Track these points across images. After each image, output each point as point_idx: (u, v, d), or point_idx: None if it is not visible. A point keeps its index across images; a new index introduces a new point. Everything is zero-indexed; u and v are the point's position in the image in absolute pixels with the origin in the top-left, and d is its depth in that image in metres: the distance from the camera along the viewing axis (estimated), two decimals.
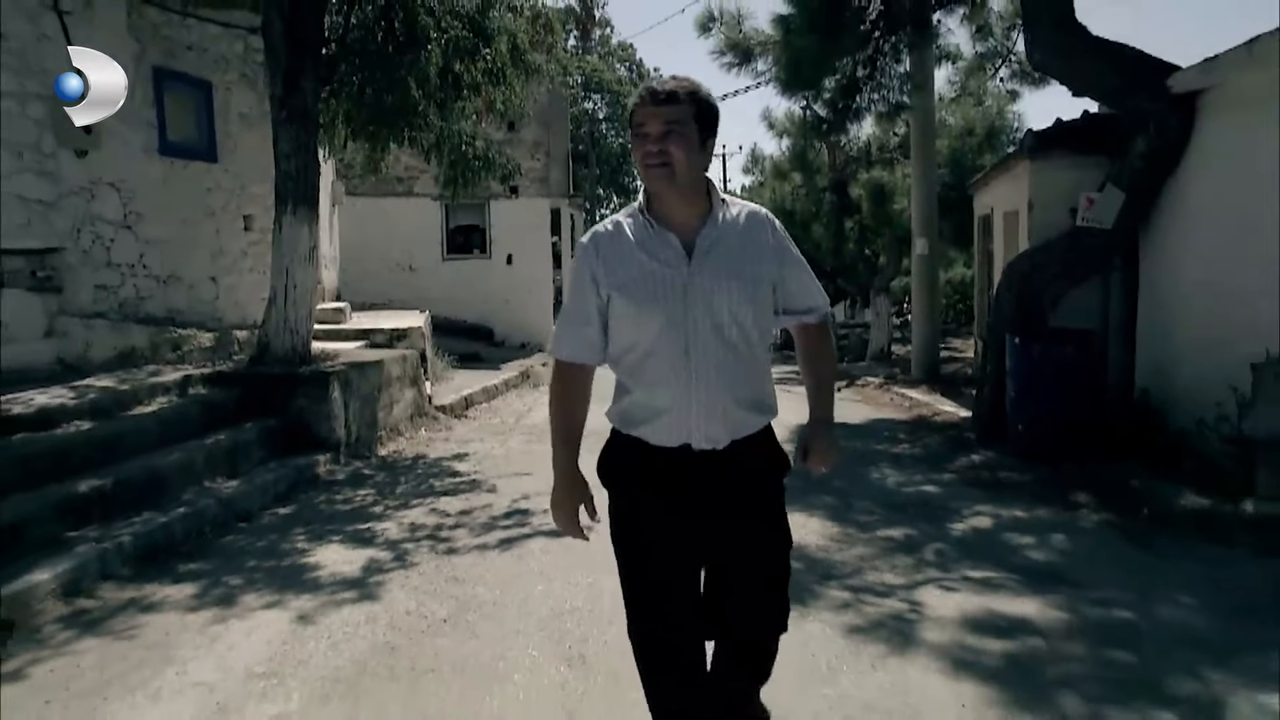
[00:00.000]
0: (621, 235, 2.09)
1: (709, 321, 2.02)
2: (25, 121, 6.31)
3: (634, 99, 2.07)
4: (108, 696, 3.10)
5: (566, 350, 2.15)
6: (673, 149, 1.98)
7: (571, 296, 2.15)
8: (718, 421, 2.04)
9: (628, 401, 2.11)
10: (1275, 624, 3.67)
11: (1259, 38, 5.58)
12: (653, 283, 2.03)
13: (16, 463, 4.68)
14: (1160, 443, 6.65)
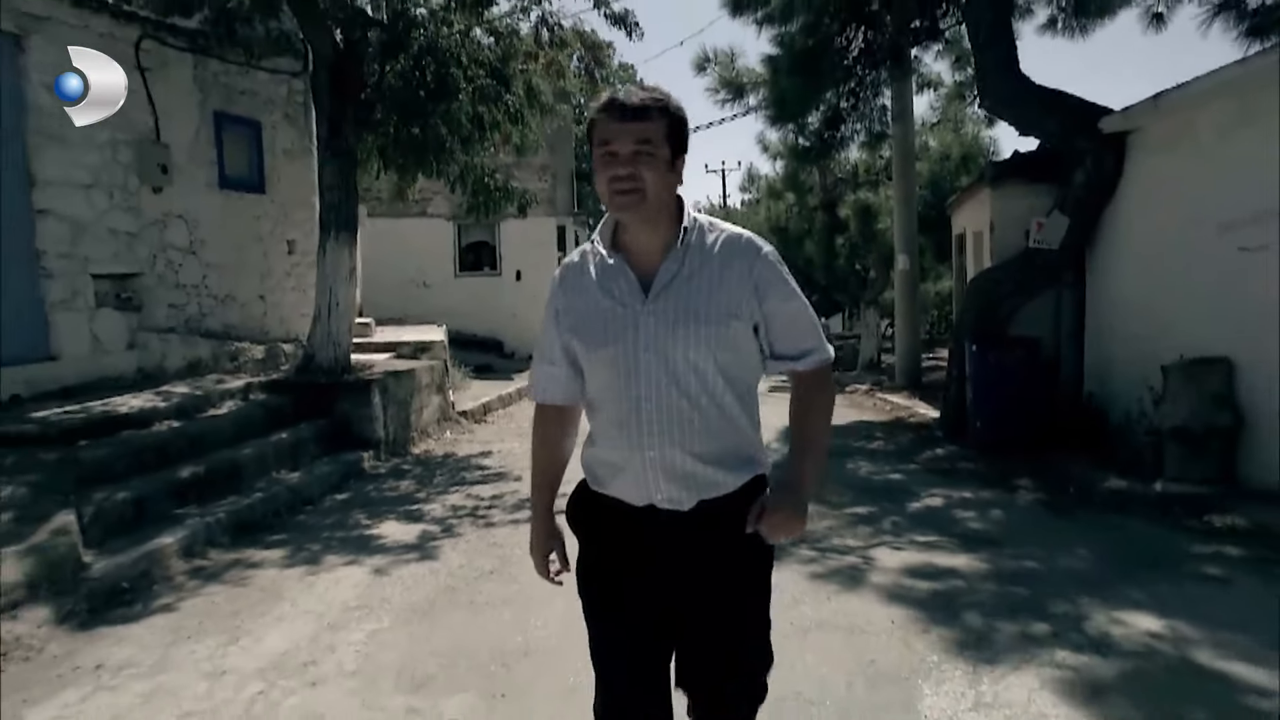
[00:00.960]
0: (585, 267, 1.88)
1: (664, 369, 1.77)
2: (116, 166, 7.32)
3: (596, 109, 1.79)
4: (242, 620, 4.08)
5: (538, 390, 2.00)
6: (645, 173, 1.74)
7: (543, 331, 1.97)
8: (677, 481, 1.80)
9: (589, 453, 1.92)
10: (1144, 569, 4.64)
11: (1164, 92, 6.61)
12: (603, 322, 1.81)
13: (132, 453, 5.67)
14: (1101, 436, 7.65)
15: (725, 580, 1.86)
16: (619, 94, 1.78)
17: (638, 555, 1.84)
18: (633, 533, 1.84)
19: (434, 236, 18.65)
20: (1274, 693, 3.21)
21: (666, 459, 1.79)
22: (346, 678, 3.44)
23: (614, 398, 1.81)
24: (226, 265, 8.72)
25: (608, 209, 1.82)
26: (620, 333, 1.79)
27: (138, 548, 4.79)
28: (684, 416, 1.78)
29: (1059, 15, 10.30)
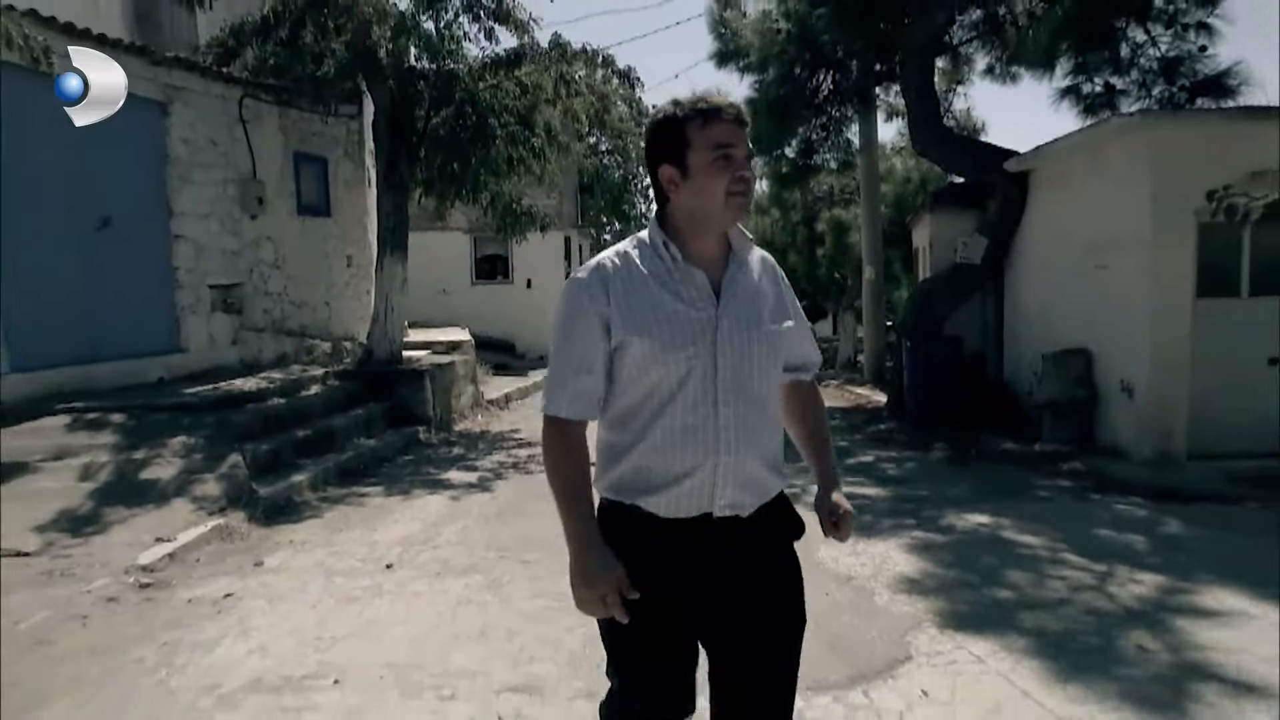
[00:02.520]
0: (633, 270, 1.80)
1: (739, 370, 1.78)
2: (225, 198, 9.24)
3: (705, 108, 1.76)
4: (371, 522, 5.98)
5: (566, 405, 1.82)
6: (753, 179, 1.82)
7: (567, 341, 1.81)
8: (745, 486, 1.79)
9: (629, 466, 1.81)
10: (999, 495, 6.56)
11: (1044, 144, 8.55)
12: (680, 325, 1.75)
13: (261, 420, 7.57)
14: (1012, 412, 9.58)
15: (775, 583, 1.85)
16: (725, 99, 1.79)
17: (683, 571, 1.77)
18: (679, 548, 1.77)
19: (453, 248, 20.57)
20: (1039, 547, 5.14)
21: (739, 464, 1.76)
22: (453, 546, 5.35)
23: (688, 401, 1.75)
24: (302, 277, 10.64)
25: (718, 213, 1.77)
26: (699, 335, 1.75)
27: (283, 481, 6.69)
28: (754, 421, 1.79)
29: (995, 64, 12.24)
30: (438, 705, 3.20)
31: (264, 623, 4.04)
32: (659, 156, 1.81)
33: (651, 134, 1.84)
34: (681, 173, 1.78)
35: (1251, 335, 7.25)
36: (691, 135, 1.75)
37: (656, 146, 1.82)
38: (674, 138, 1.77)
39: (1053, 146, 8.39)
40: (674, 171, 1.78)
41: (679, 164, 1.77)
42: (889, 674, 3.42)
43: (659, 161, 1.81)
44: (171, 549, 5.03)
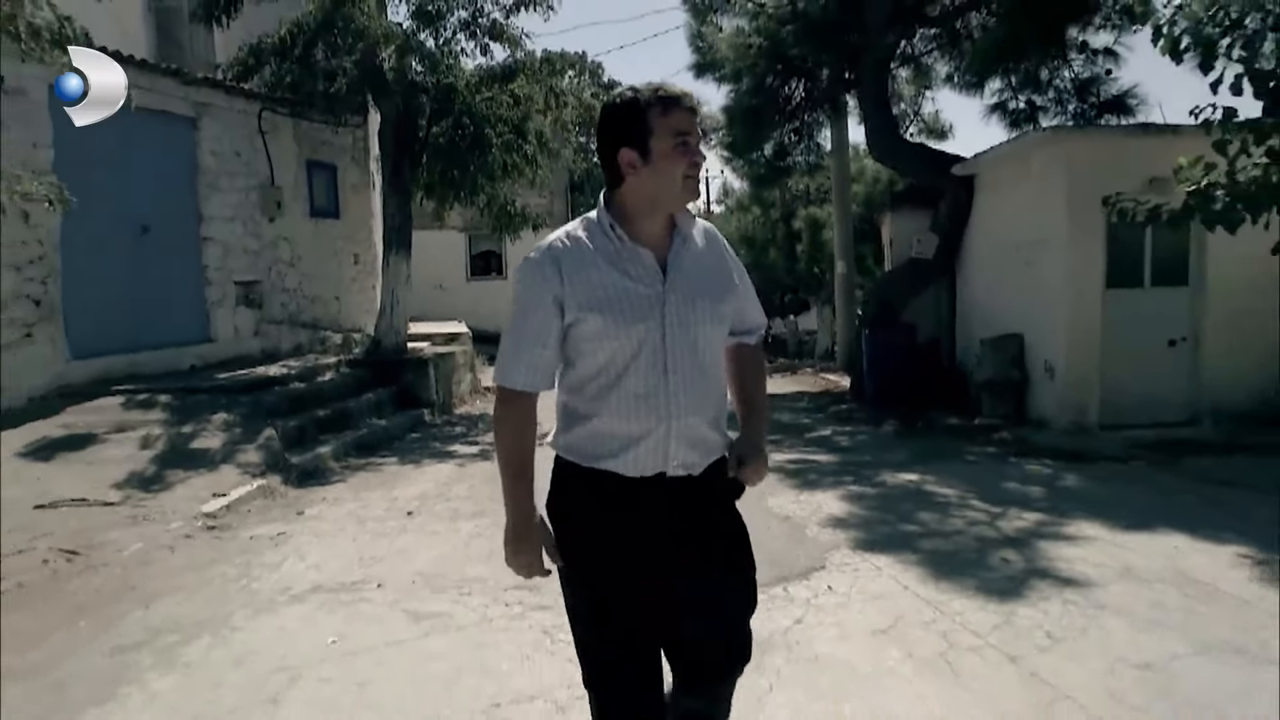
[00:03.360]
0: (583, 250, 1.90)
1: (685, 341, 1.90)
2: (248, 203, 10.21)
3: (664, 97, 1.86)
4: (390, 484, 6.97)
5: (521, 377, 1.91)
6: (702, 162, 1.92)
7: (523, 316, 1.91)
8: (695, 447, 1.93)
9: (588, 431, 1.92)
10: (933, 459, 7.59)
11: (982, 151, 9.57)
12: (631, 302, 1.86)
13: (287, 400, 8.55)
14: (961, 393, 10.60)
15: (725, 535, 2.01)
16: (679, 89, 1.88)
17: (644, 525, 1.89)
18: (638, 505, 1.89)
19: (449, 246, 21.53)
20: (951, 496, 6.17)
21: (689, 426, 1.89)
22: (462, 499, 6.36)
23: (639, 371, 1.87)
24: (314, 274, 11.61)
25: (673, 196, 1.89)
26: (648, 310, 1.86)
27: (310, 452, 7.69)
28: (701, 386, 1.91)
29: (954, 73, 13.24)
30: (458, 598, 4.21)
31: (314, 551, 5.05)
32: (618, 140, 1.87)
33: (611, 117, 1.90)
34: (643, 157, 1.85)
35: (1154, 321, 8.31)
36: (653, 122, 1.83)
37: (615, 130, 1.89)
38: (636, 123, 1.84)
39: (987, 155, 9.43)
40: (634, 155, 1.86)
41: (640, 148, 1.85)
42: (805, 576, 4.45)
43: (618, 145, 1.87)
44: (227, 502, 6.02)
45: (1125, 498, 6.07)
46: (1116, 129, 8.98)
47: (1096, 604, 4.06)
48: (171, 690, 3.28)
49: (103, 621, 3.93)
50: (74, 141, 7.67)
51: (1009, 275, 9.43)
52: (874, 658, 3.49)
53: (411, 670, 3.43)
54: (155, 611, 4.06)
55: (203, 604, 4.17)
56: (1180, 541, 4.99)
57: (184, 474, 6.41)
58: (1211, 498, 6.05)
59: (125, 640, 3.73)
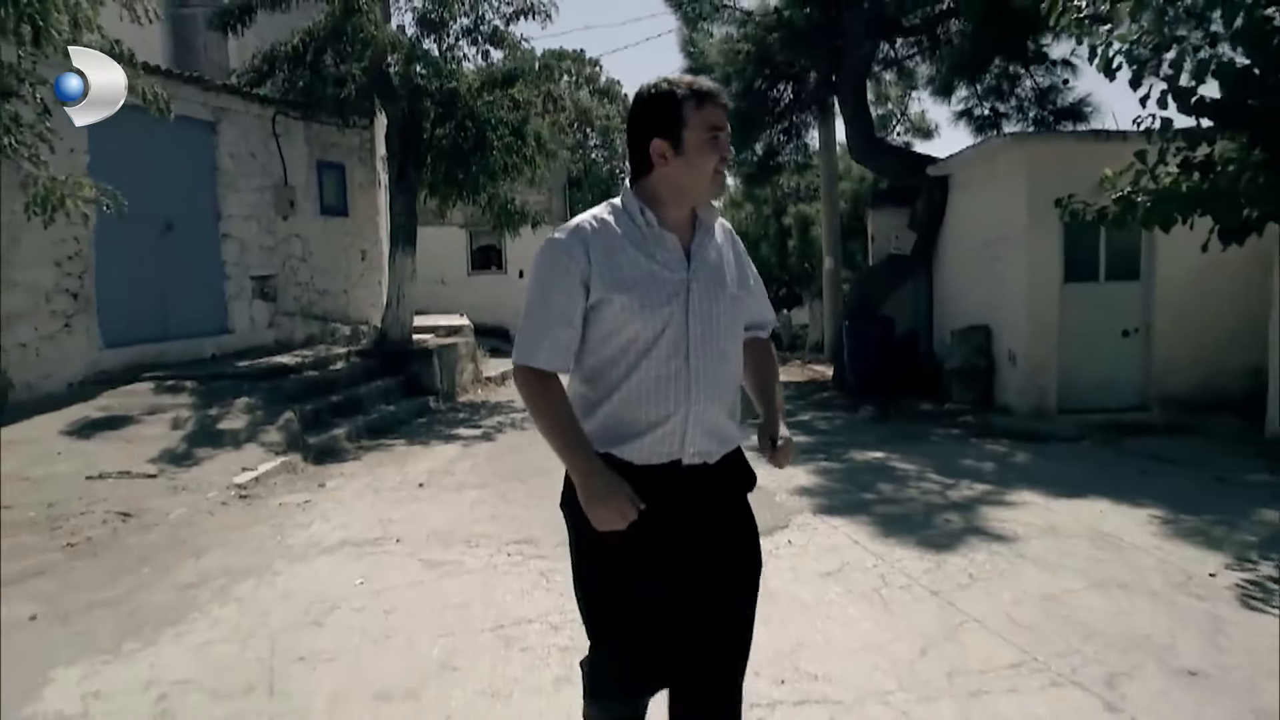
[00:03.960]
0: (611, 232, 1.94)
1: (707, 328, 1.93)
2: (263, 202, 10.84)
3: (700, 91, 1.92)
4: (401, 462, 7.61)
5: (544, 357, 1.93)
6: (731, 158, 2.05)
7: (546, 296, 1.93)
8: (711, 435, 1.96)
9: (604, 416, 1.95)
10: (901, 440, 8.24)
11: (955, 153, 10.20)
12: (657, 284, 1.90)
13: (302, 387, 9.18)
14: (935, 380, 11.24)
15: (736, 527, 2.04)
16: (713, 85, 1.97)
17: (658, 513, 1.89)
18: (653, 492, 1.89)
19: (451, 242, 22.13)
20: (911, 471, 6.81)
21: (708, 413, 1.93)
22: (468, 474, 6.99)
23: (663, 355, 1.90)
24: (324, 269, 12.24)
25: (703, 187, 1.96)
26: (674, 294, 1.91)
27: (325, 434, 8.32)
28: (720, 374, 1.96)
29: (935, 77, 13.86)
30: (466, 549, 4.85)
31: (338, 515, 5.69)
32: (651, 129, 1.92)
33: (645, 107, 1.95)
34: (675, 148, 1.90)
35: (1108, 313, 8.95)
36: (688, 114, 1.88)
37: (649, 120, 1.93)
38: (671, 114, 1.89)
39: (958, 157, 10.07)
40: (666, 146, 1.91)
41: (673, 140, 1.90)
42: (769, 534, 5.08)
43: (651, 134, 1.92)
44: (255, 475, 6.66)
45: (1066, 472, 6.72)
46: (1072, 135, 9.62)
47: (1018, 554, 4.71)
48: (230, 616, 3.92)
49: (163, 568, 4.58)
50: (106, 146, 8.30)
51: (978, 270, 10.07)
52: (819, 593, 4.14)
53: (429, 602, 4.08)
54: (206, 561, 4.70)
55: (246, 555, 4.81)
56: (1104, 506, 5.64)
57: (213, 451, 7.04)
58: (1144, 472, 6.70)
59: (184, 581, 4.38)
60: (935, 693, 3.13)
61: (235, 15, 10.97)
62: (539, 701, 3.07)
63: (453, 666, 3.37)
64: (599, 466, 1.89)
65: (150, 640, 3.65)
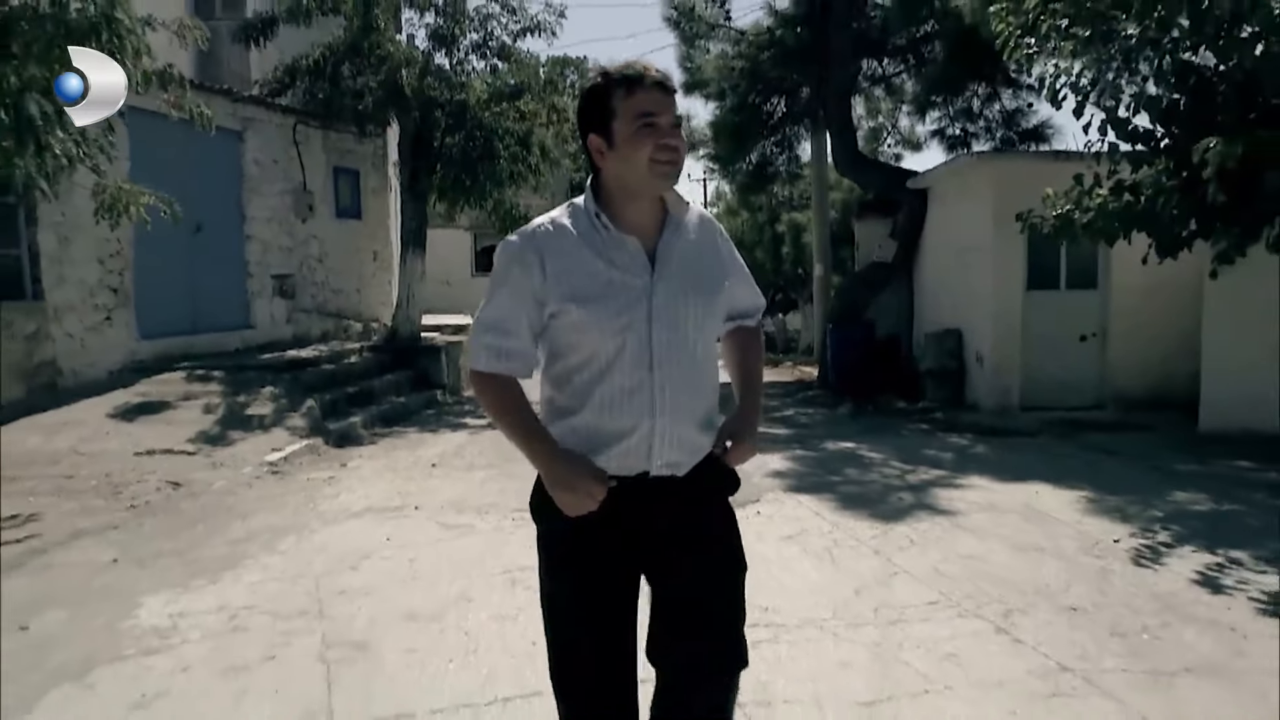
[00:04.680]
0: (567, 237, 1.82)
1: (674, 335, 1.83)
2: (284, 206, 11.57)
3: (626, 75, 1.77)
4: (414, 446, 8.32)
5: (484, 361, 1.87)
6: (682, 147, 1.81)
7: (496, 301, 1.85)
8: (680, 446, 1.85)
9: (569, 427, 1.86)
10: (873, 433, 8.95)
11: (928, 170, 10.92)
12: (615, 293, 1.79)
13: (321, 378, 9.89)
14: (913, 381, 11.95)
15: (712, 536, 1.93)
16: (650, 67, 1.79)
17: (624, 525, 1.83)
18: (620, 504, 1.81)
19: (456, 244, 22.88)
20: (876, 458, 7.52)
21: (675, 425, 1.82)
22: (476, 456, 7.70)
23: (624, 366, 1.80)
24: (339, 269, 12.97)
25: (641, 181, 1.79)
26: (634, 302, 1.80)
27: (343, 421, 9.04)
28: (689, 384, 1.85)
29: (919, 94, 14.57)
30: (477, 516, 5.57)
31: (361, 488, 6.41)
32: (587, 126, 1.83)
33: (580, 103, 1.86)
34: (608, 142, 1.79)
35: (1068, 318, 9.67)
36: (616, 104, 1.76)
37: (584, 116, 1.84)
38: (600, 107, 1.79)
39: (934, 172, 10.79)
40: (601, 141, 1.80)
41: (605, 133, 1.79)
42: (741, 506, 5.76)
43: (587, 131, 1.83)
44: (283, 455, 7.37)
45: (1017, 461, 7.43)
46: (1034, 154, 10.34)
47: (956, 525, 5.42)
48: (277, 563, 4.64)
49: (214, 527, 5.29)
50: (145, 153, 9.03)
51: (951, 278, 10.79)
52: (778, 552, 4.85)
53: (447, 554, 4.79)
54: (251, 522, 5.42)
55: (285, 518, 5.53)
56: (1042, 488, 6.35)
57: (244, 434, 7.76)
58: (1089, 462, 7.40)
59: (234, 537, 5.09)
60: (862, 621, 3.84)
61: (258, 29, 11.72)
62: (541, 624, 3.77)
63: (468, 598, 4.09)
64: (559, 451, 1.82)
65: (214, 579, 4.36)
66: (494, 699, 3.09)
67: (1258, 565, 4.56)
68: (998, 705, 3.05)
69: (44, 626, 3.72)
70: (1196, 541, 4.98)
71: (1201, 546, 4.88)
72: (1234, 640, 3.61)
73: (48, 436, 7.03)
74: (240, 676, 3.28)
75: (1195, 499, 6.04)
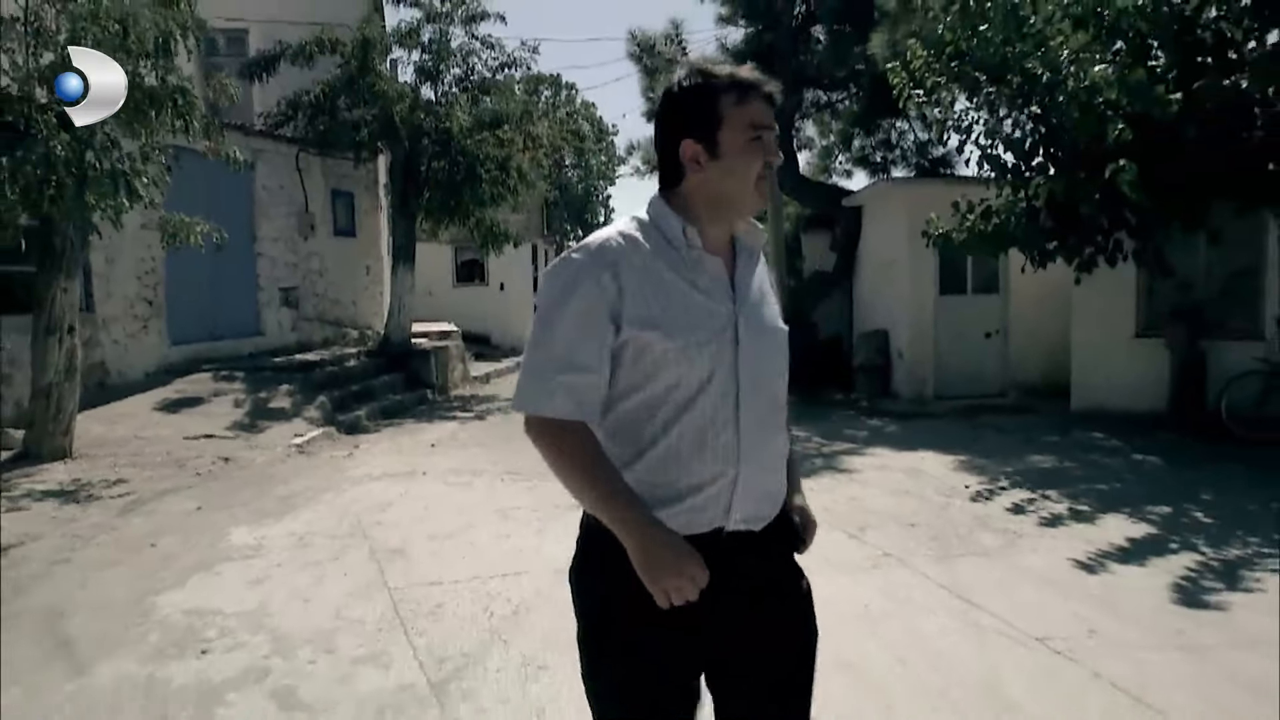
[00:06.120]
0: (640, 252, 1.58)
1: (760, 370, 1.62)
2: (288, 226, 12.96)
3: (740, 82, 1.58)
4: (412, 433, 9.74)
5: (560, 404, 1.54)
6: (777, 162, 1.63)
7: (562, 329, 1.54)
8: (761, 497, 1.63)
9: (633, 479, 1.56)
10: (809, 420, 10.47)
11: (857, 191, 12.50)
12: (703, 318, 1.57)
13: (326, 379, 11.28)
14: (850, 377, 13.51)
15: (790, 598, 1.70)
16: (758, 74, 1.61)
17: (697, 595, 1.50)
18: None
19: (438, 257, 24.21)
20: (804, 436, 9.04)
21: (758, 473, 1.61)
22: (468, 439, 9.13)
23: (708, 406, 1.55)
24: (336, 282, 14.35)
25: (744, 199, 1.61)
26: (720, 330, 1.57)
27: (350, 414, 10.43)
28: (774, 426, 1.67)
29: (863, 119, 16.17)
30: (473, 476, 7.02)
31: (375, 461, 7.83)
32: (682, 129, 1.60)
33: (676, 104, 1.62)
34: (710, 151, 1.59)
35: (974, 319, 11.25)
36: (726, 110, 1.57)
37: (680, 118, 1.61)
38: (706, 111, 1.58)
39: (863, 193, 12.38)
40: (699, 149, 1.59)
41: (708, 141, 1.58)
42: None
43: (681, 135, 1.60)
44: (305, 439, 8.77)
45: (917, 437, 8.97)
46: (940, 179, 11.93)
47: (850, 479, 6.93)
48: (323, 509, 6.06)
49: (264, 489, 6.70)
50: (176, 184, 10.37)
51: (879, 285, 12.37)
52: None
53: (453, 501, 6.24)
54: (292, 485, 6.84)
55: (319, 482, 6.95)
56: (929, 455, 7.89)
57: (270, 423, 9.15)
58: (975, 436, 8.95)
59: (282, 495, 6.50)
60: None
61: (261, 66, 13.14)
62: (526, 541, 5.23)
63: (472, 525, 5.54)
64: (657, 524, 1.52)
65: (278, 519, 5.78)
66: (494, 575, 4.55)
67: (1060, 500, 6.11)
68: (835, 574, 4.53)
69: (166, 546, 5.13)
70: (1027, 486, 6.53)
71: (1028, 489, 6.43)
72: (1011, 539, 5.15)
73: (110, 425, 8.39)
74: (317, 568, 4.72)
75: (1044, 460, 7.61)
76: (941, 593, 4.26)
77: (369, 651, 3.59)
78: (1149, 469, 7.18)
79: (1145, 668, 3.36)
